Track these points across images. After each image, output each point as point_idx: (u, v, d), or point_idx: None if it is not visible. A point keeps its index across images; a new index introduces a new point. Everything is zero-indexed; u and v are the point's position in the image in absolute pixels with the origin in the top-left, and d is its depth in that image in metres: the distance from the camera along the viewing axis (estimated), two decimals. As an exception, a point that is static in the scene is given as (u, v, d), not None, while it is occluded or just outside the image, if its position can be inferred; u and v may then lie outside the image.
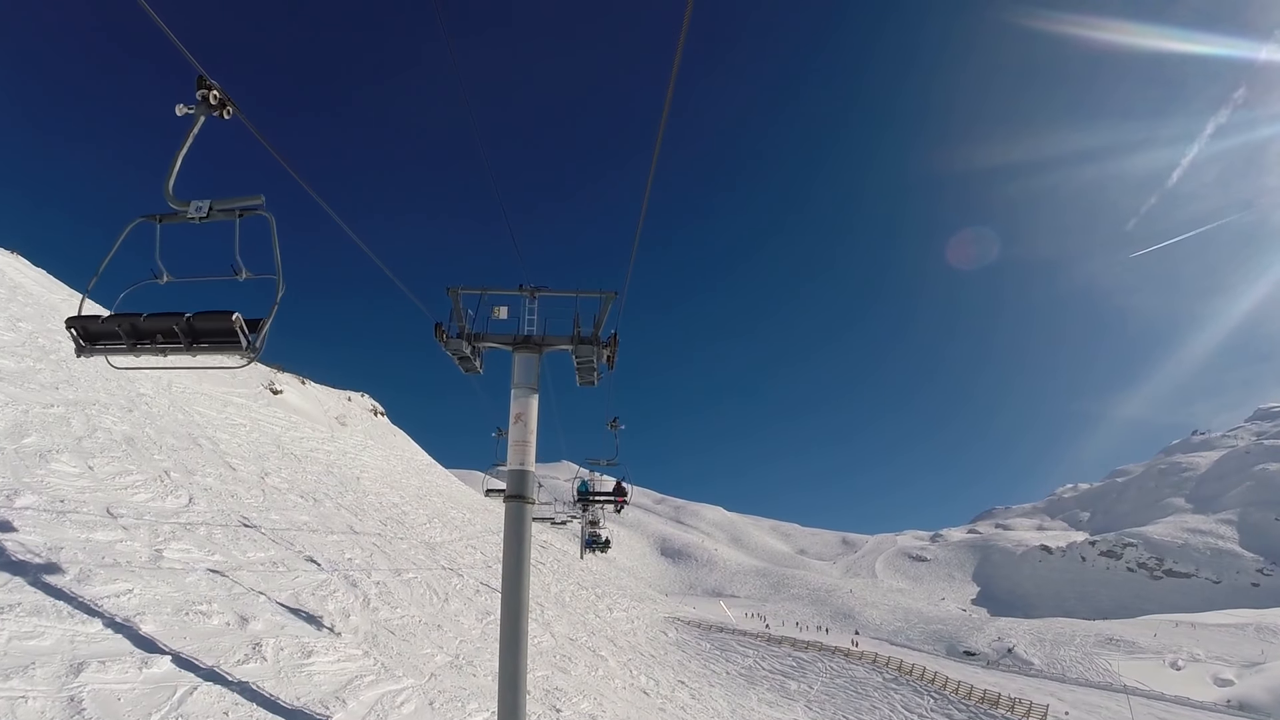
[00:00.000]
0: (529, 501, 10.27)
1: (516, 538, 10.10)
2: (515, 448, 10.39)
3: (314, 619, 14.58)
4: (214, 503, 19.63)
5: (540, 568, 50.07)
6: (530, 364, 10.83)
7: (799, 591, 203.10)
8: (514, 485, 10.28)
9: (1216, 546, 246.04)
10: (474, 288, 11.41)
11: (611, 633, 40.96)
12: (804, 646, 52.05)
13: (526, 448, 10.38)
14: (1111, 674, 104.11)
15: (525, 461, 10.32)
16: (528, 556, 10.18)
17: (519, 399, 10.60)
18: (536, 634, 25.85)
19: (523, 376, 10.73)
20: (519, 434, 10.42)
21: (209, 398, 44.34)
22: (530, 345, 10.95)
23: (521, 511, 10.17)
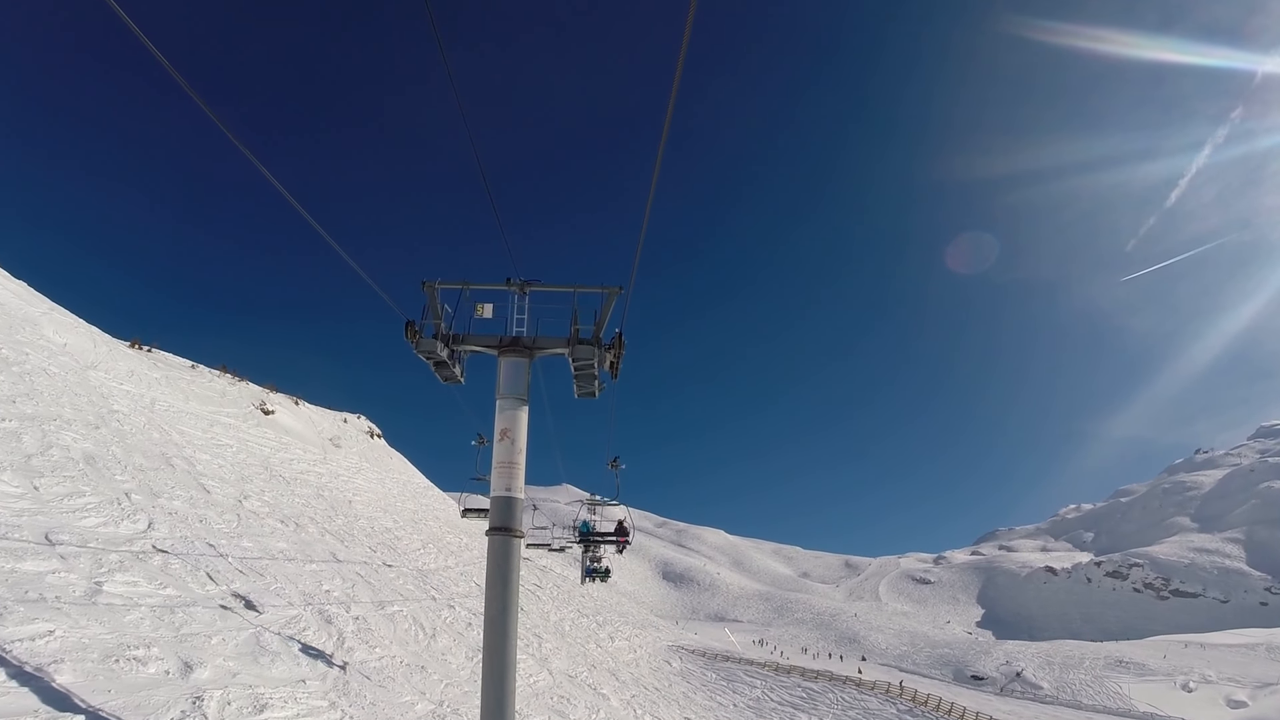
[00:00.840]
0: (516, 535, 8.59)
1: (501, 579, 8.38)
2: (500, 470, 8.72)
3: (275, 664, 12.82)
4: (177, 528, 17.90)
5: (539, 594, 48.13)
6: (519, 370, 9.17)
7: (803, 616, 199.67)
8: (498, 515, 8.60)
9: (1223, 566, 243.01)
10: (454, 282, 9.80)
11: (614, 664, 38.97)
12: (814, 676, 49.91)
13: (514, 470, 8.72)
14: (1123, 697, 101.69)
15: (512, 487, 8.65)
16: (514, 602, 8.46)
17: (505, 412, 8.95)
18: (533, 672, 23.99)
19: (510, 385, 9.07)
20: (505, 453, 8.75)
21: (195, 417, 42.61)
22: (519, 348, 9.30)
23: (507, 548, 8.47)
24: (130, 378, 41.60)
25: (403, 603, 22.59)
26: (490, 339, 9.57)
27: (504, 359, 9.32)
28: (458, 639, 22.03)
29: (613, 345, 9.32)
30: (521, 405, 9.08)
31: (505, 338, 9.49)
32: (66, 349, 38.89)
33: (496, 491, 8.72)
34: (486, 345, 9.56)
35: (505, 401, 9.04)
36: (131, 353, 49.91)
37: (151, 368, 48.07)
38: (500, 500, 8.68)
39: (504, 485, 8.68)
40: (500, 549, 8.53)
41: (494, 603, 8.39)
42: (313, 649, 14.46)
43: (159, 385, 44.90)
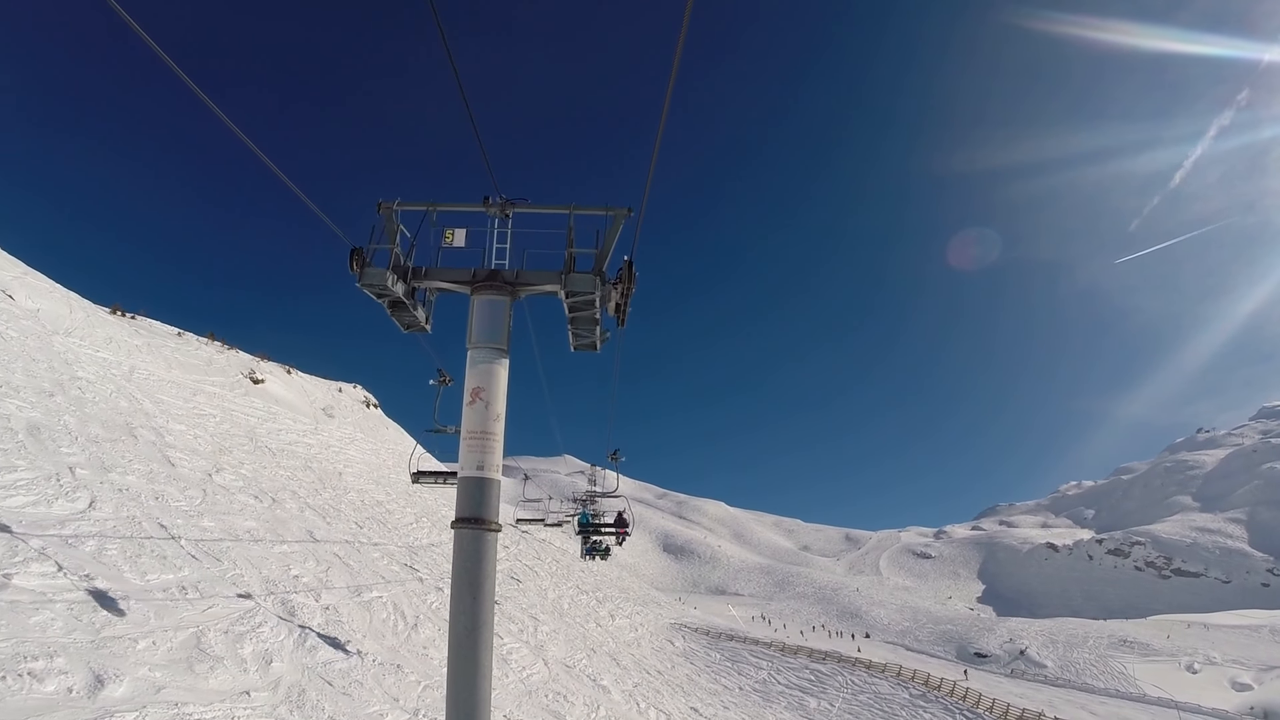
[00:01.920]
0: (490, 528, 6.45)
1: (471, 587, 6.22)
2: (471, 442, 6.59)
3: (214, 672, 10.79)
4: (124, 507, 15.84)
5: (537, 571, 46.33)
6: (498, 312, 7.00)
7: (804, 590, 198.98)
8: (467, 501, 6.47)
9: (1225, 546, 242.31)
10: (417, 203, 7.62)
11: (614, 646, 37.20)
12: (821, 657, 48.30)
13: (489, 443, 6.58)
14: (1128, 677, 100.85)
15: (486, 464, 6.51)
16: (488, 618, 6.31)
17: (479, 366, 6.80)
18: (527, 664, 22.03)
19: (486, 331, 6.91)
20: (477, 420, 6.62)
21: (177, 386, 40.59)
22: (498, 284, 7.11)
23: (479, 546, 6.33)
24: (108, 344, 39.52)
25: (384, 586, 20.58)
26: (462, 273, 7.39)
27: (478, 298, 7.15)
28: (443, 628, 19.98)
29: (620, 278, 7.11)
30: (500, 358, 6.93)
31: (481, 271, 7.31)
32: (39, 314, 36.79)
33: (466, 470, 6.60)
34: (456, 281, 7.38)
35: (479, 353, 6.89)
36: (112, 319, 47.74)
37: (133, 335, 45.93)
38: (470, 483, 6.55)
39: (475, 462, 6.55)
40: (469, 547, 6.41)
41: (461, 618, 6.27)
42: (266, 650, 12.43)
43: (140, 353, 42.80)
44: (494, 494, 6.60)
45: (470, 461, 6.54)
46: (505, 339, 6.94)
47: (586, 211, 7.38)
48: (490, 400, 6.66)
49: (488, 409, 6.64)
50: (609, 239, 7.25)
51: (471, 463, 6.54)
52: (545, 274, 7.24)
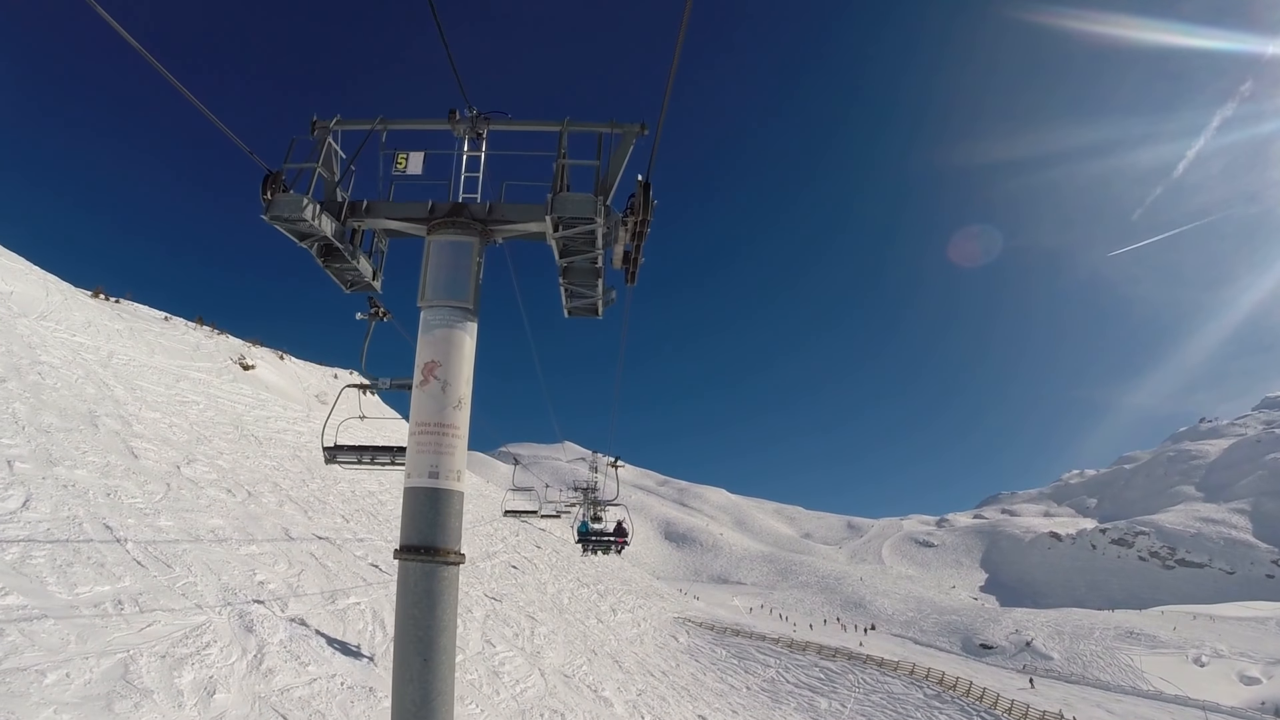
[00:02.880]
0: (448, 560, 4.60)
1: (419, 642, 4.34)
2: (422, 440, 4.76)
3: (139, 710, 8.97)
4: (65, 506, 14.02)
5: (536, 563, 44.62)
6: (461, 258, 5.13)
7: (807, 579, 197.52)
8: (415, 521, 4.65)
9: (1230, 536, 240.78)
10: (360, 120, 5.74)
11: (616, 645, 35.50)
12: (831, 654, 46.61)
13: (446, 439, 4.74)
14: (1135, 670, 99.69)
15: (443, 470, 4.67)
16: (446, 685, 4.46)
17: (434, 332, 4.95)
18: (521, 676, 20.21)
19: (444, 284, 5.05)
20: (431, 406, 4.78)
21: (159, 372, 38.81)
22: (463, 221, 5.23)
23: (432, 585, 4.49)
24: (86, 329, 37.76)
25: (364, 591, 18.73)
26: (415, 207, 5.50)
27: (436, 239, 5.27)
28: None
29: (631, 208, 5.19)
30: (464, 320, 5.07)
31: (441, 204, 5.42)
32: (11, 297, 35.02)
33: (415, 478, 4.76)
34: (407, 218, 5.49)
35: (435, 314, 5.03)
36: (92, 303, 45.93)
37: (114, 319, 44.10)
38: (420, 497, 4.72)
39: (427, 467, 4.73)
40: (419, 586, 4.57)
41: (407, 690, 4.43)
42: (210, 677, 10.61)
43: (120, 337, 41.00)
44: (454, 512, 4.78)
45: (420, 466, 4.71)
46: (472, 295, 5.07)
47: (584, 129, 5.49)
48: (449, 380, 4.82)
49: (445, 392, 4.80)
50: (616, 162, 5.36)
51: (422, 467, 4.71)
52: (528, 208, 5.36)
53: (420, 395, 4.91)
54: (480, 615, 23.47)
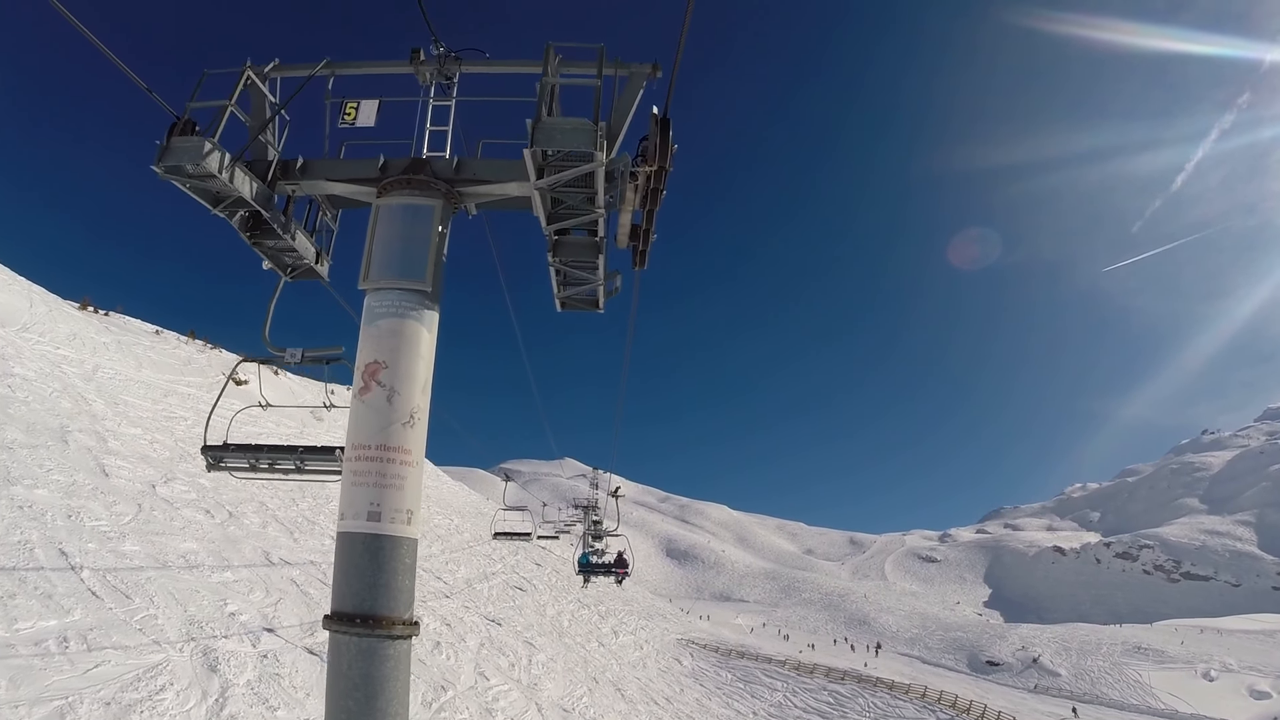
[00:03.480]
0: (396, 631, 3.43)
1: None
2: (359, 468, 3.60)
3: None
4: (17, 528, 12.83)
5: (536, 584, 43.27)
6: (419, 225, 3.99)
7: (810, 596, 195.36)
8: (350, 579, 3.51)
9: (1235, 549, 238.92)
10: (303, 65, 4.64)
11: (618, 670, 34.13)
12: (840, 677, 45.12)
13: (393, 464, 3.59)
14: (1144, 686, 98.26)
15: (387, 508, 3.50)
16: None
17: (380, 323, 3.82)
18: (517, 712, 18.91)
19: (394, 258, 3.92)
20: (372, 423, 3.64)
21: (145, 386, 37.71)
22: (424, 179, 4.09)
23: (371, 667, 3.31)
24: (71, 341, 36.67)
25: (348, 620, 17.51)
26: (362, 165, 4.37)
27: (386, 202, 4.14)
28: (416, 670, 16.92)
29: (643, 152, 4.05)
30: (420, 308, 3.94)
31: (397, 161, 4.29)
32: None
33: (351, 519, 3.61)
34: (355, 179, 4.35)
35: (382, 298, 3.91)
36: (79, 315, 44.81)
37: (101, 331, 43.01)
38: (357, 545, 3.57)
39: (365, 504, 3.58)
40: (355, 669, 3.41)
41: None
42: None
43: (107, 350, 39.87)
44: (403, 567, 3.61)
45: (357, 503, 3.56)
46: (431, 275, 3.92)
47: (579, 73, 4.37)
48: (398, 386, 3.68)
49: (392, 403, 3.66)
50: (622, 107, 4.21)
51: (359, 505, 3.56)
52: (508, 165, 4.22)
53: (359, 408, 3.77)
54: (474, 644, 22.16)
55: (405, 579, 3.62)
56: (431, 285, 3.99)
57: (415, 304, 3.91)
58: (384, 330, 3.83)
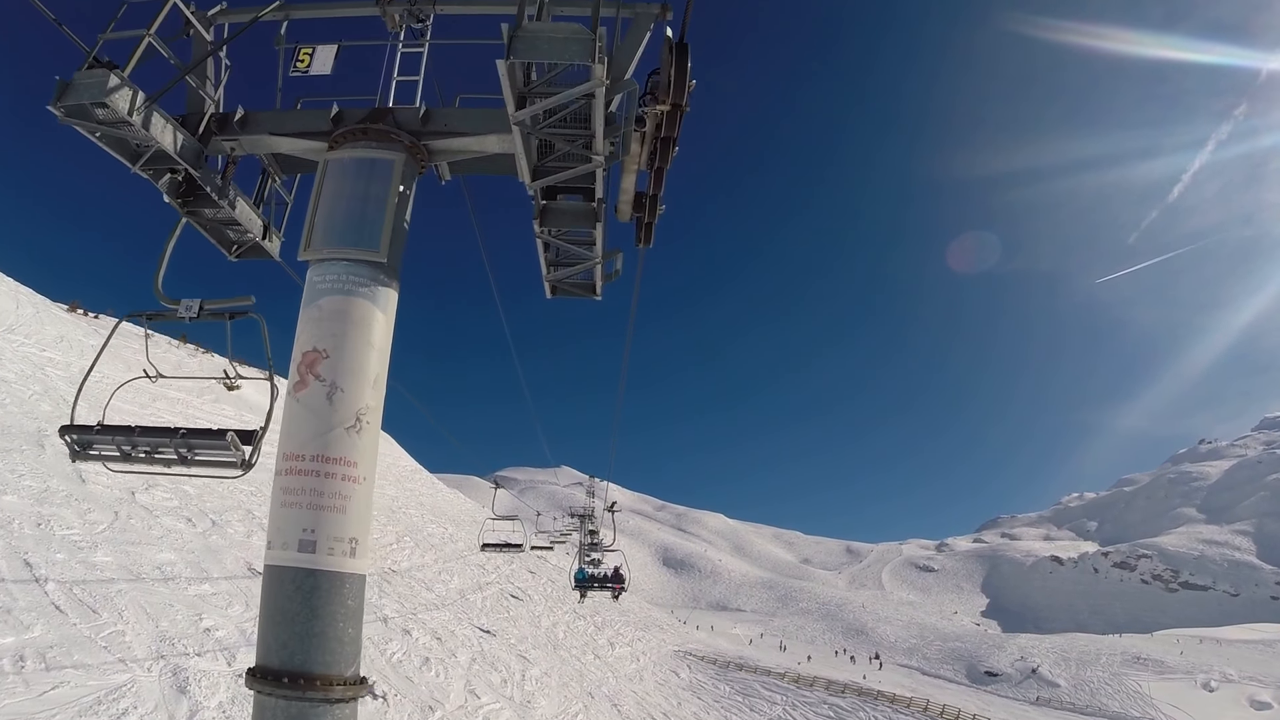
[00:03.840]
0: (335, 694, 2.75)
1: None
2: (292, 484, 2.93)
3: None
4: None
5: (530, 595, 42.50)
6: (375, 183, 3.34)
7: (808, 605, 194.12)
8: (273, 630, 2.79)
9: (1233, 558, 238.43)
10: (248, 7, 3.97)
11: (614, 684, 33.34)
12: (840, 689, 44.36)
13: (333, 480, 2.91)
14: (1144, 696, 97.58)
15: (323, 534, 2.81)
16: None
17: (322, 301, 3.15)
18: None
19: (345, 222, 3.27)
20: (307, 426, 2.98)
21: (134, 389, 36.95)
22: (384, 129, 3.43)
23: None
24: (58, 344, 35.94)
25: (333, 635, 16.74)
26: (313, 116, 3.72)
27: (336, 156, 3.47)
28: (403, 689, 16.16)
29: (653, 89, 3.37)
30: (372, 284, 3.26)
31: (354, 111, 3.62)
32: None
33: (279, 548, 2.93)
34: (306, 132, 3.69)
35: (326, 271, 3.24)
36: (67, 317, 44.13)
37: (90, 334, 42.27)
38: (285, 583, 2.89)
39: (299, 529, 2.90)
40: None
41: None
42: (119, 758, 8.67)
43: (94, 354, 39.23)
44: (345, 613, 2.91)
45: (287, 529, 2.88)
46: (390, 244, 3.25)
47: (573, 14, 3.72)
48: (342, 381, 3.02)
49: (334, 401, 2.99)
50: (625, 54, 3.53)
51: (289, 531, 2.88)
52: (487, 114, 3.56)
53: (293, 409, 3.10)
54: (465, 660, 21.38)
55: (348, 626, 2.91)
56: (388, 256, 3.30)
57: (367, 278, 3.23)
58: (326, 311, 3.15)
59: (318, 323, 3.14)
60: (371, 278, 3.30)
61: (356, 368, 3.16)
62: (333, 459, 3.01)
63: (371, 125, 3.48)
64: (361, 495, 3.02)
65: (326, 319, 3.17)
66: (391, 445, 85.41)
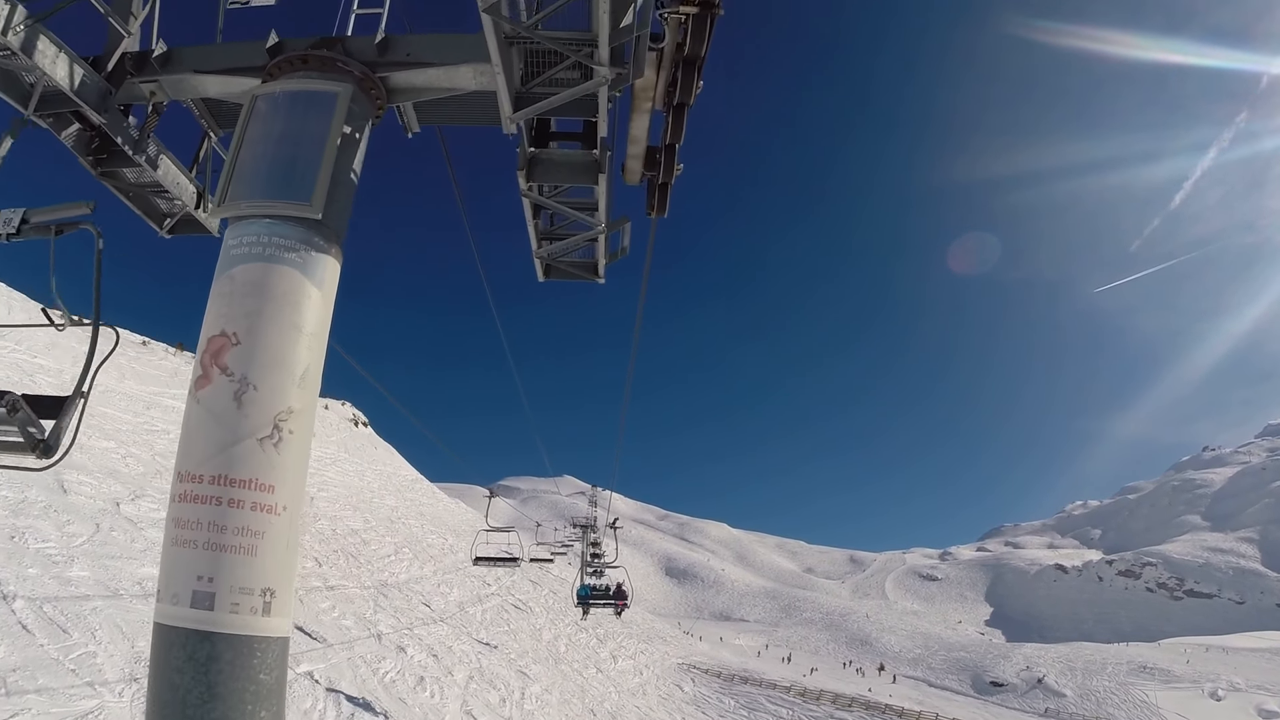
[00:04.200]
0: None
1: None
2: (186, 515, 2.20)
3: None
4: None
5: (531, 608, 41.74)
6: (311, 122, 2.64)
7: (811, 615, 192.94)
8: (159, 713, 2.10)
9: (1239, 566, 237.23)
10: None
11: (617, 699, 32.56)
12: (847, 703, 43.46)
13: (241, 509, 2.17)
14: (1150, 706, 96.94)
15: (224, 584, 2.06)
16: None
17: (235, 270, 2.42)
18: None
19: (269, 169, 2.55)
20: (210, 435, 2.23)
21: (128, 398, 36.43)
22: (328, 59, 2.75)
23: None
24: (49, 351, 35.37)
25: (319, 655, 15.94)
26: (250, 49, 3.01)
27: (267, 90, 2.77)
28: (396, 712, 15.38)
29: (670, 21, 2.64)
30: (303, 247, 2.53)
31: (294, 41, 2.93)
32: (-36, 314, 32.93)
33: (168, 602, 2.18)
34: (238, 68, 3.00)
35: (245, 231, 2.51)
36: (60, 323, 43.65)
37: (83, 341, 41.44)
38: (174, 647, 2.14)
39: (193, 575, 2.17)
40: None
41: None
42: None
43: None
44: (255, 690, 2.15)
45: (178, 577, 2.13)
46: (325, 195, 2.52)
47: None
48: (256, 374, 2.27)
49: (244, 402, 2.23)
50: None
51: (180, 579, 2.13)
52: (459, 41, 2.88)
53: (194, 412, 2.37)
54: (462, 678, 20.60)
55: (259, 710, 2.16)
56: (324, 212, 2.56)
57: (295, 240, 2.50)
58: (240, 283, 2.41)
59: (228, 299, 2.43)
60: (301, 239, 2.55)
61: (276, 358, 2.41)
62: (239, 481, 2.26)
63: (314, 53, 2.83)
64: (280, 531, 2.25)
65: (239, 294, 2.46)
66: (392, 455, 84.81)
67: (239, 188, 2.63)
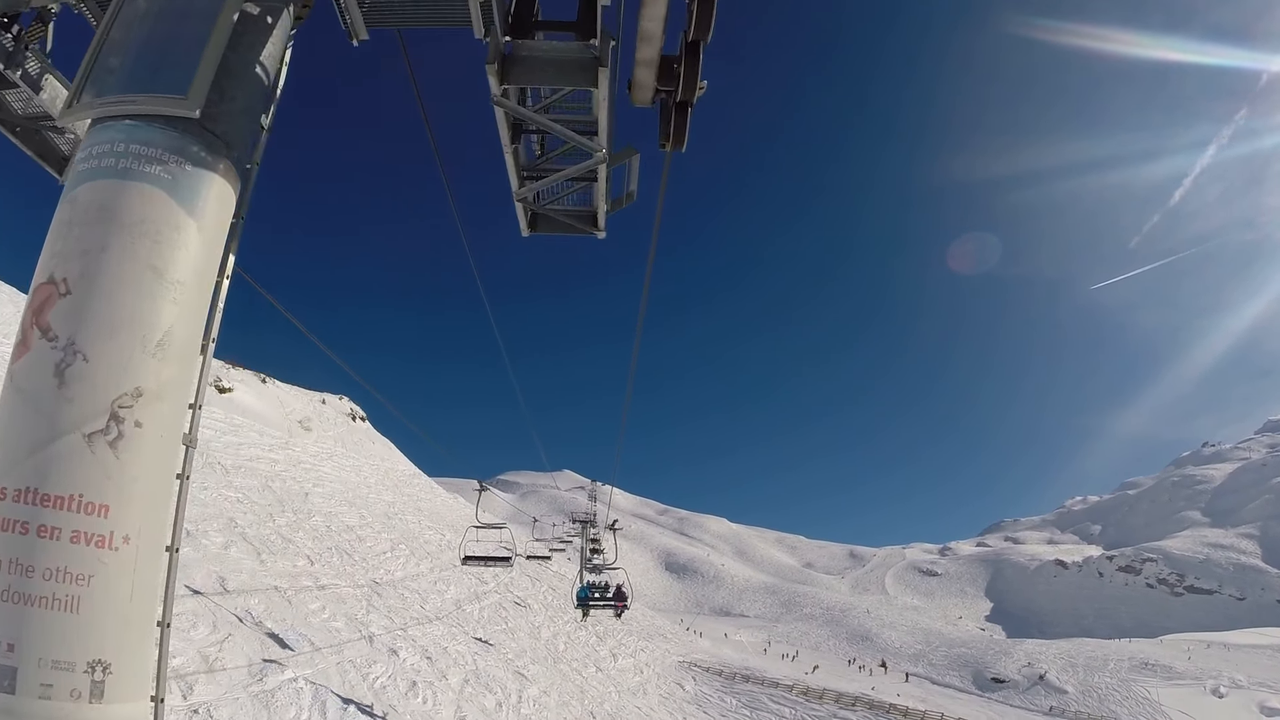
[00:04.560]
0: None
1: None
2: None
3: None
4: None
5: (529, 606, 41.13)
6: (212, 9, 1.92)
7: (812, 611, 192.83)
8: None
9: (1239, 562, 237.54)
10: None
11: (617, 699, 32.01)
12: (851, 702, 42.93)
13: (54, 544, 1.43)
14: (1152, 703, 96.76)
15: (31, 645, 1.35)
16: None
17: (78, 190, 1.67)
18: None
19: (138, 57, 1.81)
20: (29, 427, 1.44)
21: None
22: None
23: None
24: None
25: (306, 660, 15.24)
26: None
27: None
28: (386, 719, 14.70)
29: None
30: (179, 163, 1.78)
31: None
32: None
33: None
34: None
35: (98, 139, 1.77)
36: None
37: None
38: None
39: None
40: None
41: None
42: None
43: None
44: None
45: None
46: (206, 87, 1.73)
47: None
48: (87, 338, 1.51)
49: (68, 379, 1.50)
50: None
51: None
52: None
53: (6, 394, 1.64)
54: (457, 681, 19.95)
55: None
56: (208, 113, 1.85)
57: (161, 149, 1.78)
58: (81, 208, 1.67)
59: (65, 232, 1.73)
60: (171, 148, 1.80)
61: (120, 315, 1.69)
62: (54, 499, 1.53)
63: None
64: (118, 575, 1.51)
65: (79, 223, 1.73)
66: (390, 449, 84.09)
67: (98, 83, 1.91)
